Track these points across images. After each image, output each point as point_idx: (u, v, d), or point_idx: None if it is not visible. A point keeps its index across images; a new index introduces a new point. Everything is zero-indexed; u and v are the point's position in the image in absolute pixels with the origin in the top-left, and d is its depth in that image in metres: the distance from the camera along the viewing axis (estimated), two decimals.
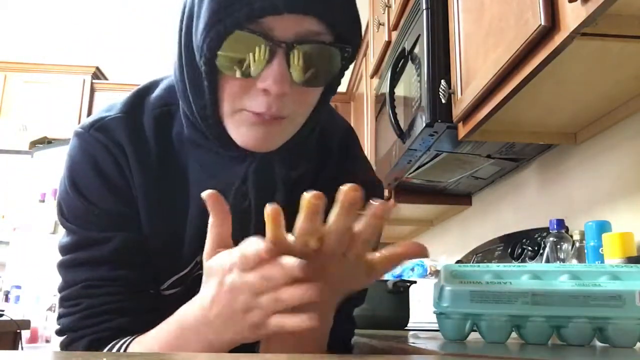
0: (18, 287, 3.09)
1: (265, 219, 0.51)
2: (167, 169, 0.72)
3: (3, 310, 2.39)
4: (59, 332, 0.71)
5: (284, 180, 0.73)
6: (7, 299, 3.09)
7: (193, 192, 0.71)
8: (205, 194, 0.56)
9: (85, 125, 0.72)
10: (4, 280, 3.18)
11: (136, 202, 0.71)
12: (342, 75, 0.68)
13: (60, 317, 0.71)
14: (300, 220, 0.51)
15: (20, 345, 2.36)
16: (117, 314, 0.68)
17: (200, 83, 0.64)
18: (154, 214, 0.71)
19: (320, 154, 0.79)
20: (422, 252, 0.55)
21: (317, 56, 0.62)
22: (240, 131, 0.65)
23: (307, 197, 0.51)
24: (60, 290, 0.71)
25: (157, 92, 0.75)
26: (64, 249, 0.71)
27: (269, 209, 0.51)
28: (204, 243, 0.59)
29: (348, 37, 0.64)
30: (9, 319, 2.27)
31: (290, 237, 0.53)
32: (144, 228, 0.71)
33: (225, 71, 0.61)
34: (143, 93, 0.76)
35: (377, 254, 0.56)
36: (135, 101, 0.74)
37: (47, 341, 2.92)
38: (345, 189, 0.51)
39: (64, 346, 0.70)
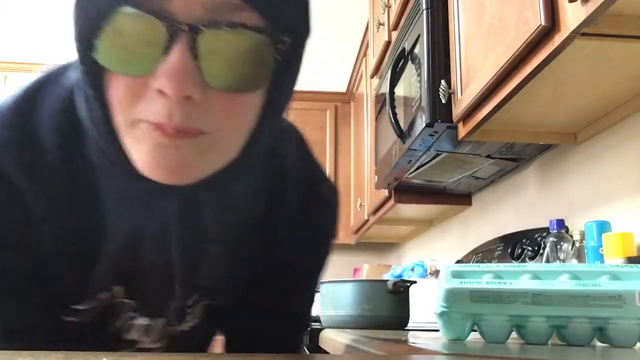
0: None
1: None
2: (76, 191, 0.54)
3: None
4: None
5: (217, 227, 0.58)
6: None
7: (109, 225, 0.55)
8: None
9: None
10: None
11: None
12: (288, 76, 0.49)
13: None
14: None
15: None
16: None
17: (83, 83, 0.47)
18: (61, 233, 0.55)
19: (271, 184, 0.62)
20: None
21: (238, 46, 0.44)
22: (140, 151, 0.46)
23: None
24: None
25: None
26: None
27: None
28: (116, 273, 0.53)
29: (285, 22, 0.46)
30: None
31: None
32: (50, 245, 0.55)
33: (109, 67, 0.44)
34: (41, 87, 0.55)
35: None
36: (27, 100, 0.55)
37: None
38: None
39: None
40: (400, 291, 1.39)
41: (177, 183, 0.47)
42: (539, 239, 1.49)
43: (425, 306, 1.57)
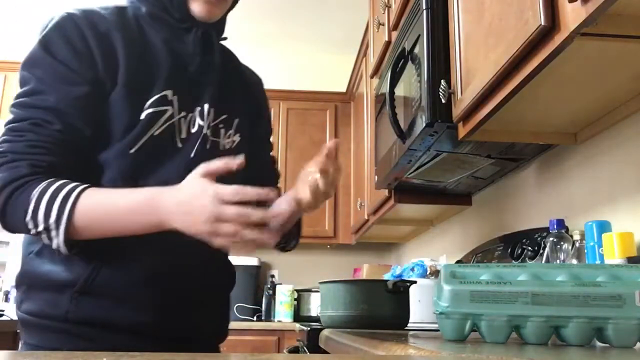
0: None
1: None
2: (142, 43, 0.94)
3: (3, 310, 2.39)
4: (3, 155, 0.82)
5: (217, 45, 1.02)
6: (7, 299, 3.08)
7: (159, 54, 0.94)
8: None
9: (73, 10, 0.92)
10: (4, 280, 3.18)
11: (98, 66, 0.87)
12: None
13: (3, 142, 0.83)
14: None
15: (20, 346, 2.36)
16: (51, 152, 0.83)
17: None
18: (131, 71, 0.90)
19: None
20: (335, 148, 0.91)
21: None
22: (197, 4, 0.95)
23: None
24: (8, 123, 0.84)
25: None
26: (21, 95, 0.86)
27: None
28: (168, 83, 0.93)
29: None
30: (9, 319, 2.27)
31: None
32: (121, 78, 0.89)
33: None
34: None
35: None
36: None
37: None
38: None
39: (5, 164, 0.81)
40: (400, 291, 1.39)
41: (211, 21, 0.98)
42: (539, 239, 1.49)
43: (425, 306, 1.57)
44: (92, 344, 0.85)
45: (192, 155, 0.94)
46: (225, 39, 1.07)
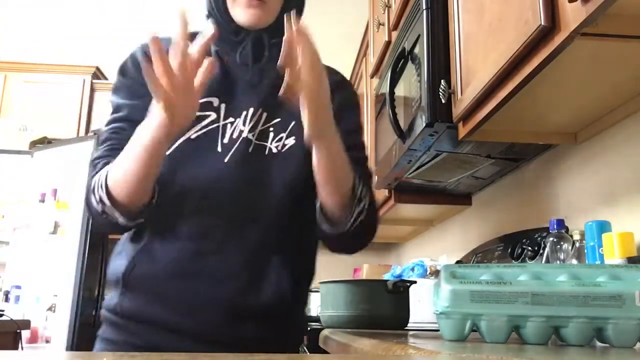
0: (18, 287, 3.09)
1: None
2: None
3: (3, 310, 2.39)
4: (93, 164, 0.98)
5: (273, 48, 0.99)
6: (7, 299, 3.08)
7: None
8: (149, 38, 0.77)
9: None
10: (4, 280, 3.18)
11: None
12: None
13: (97, 156, 0.98)
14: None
15: (20, 345, 2.36)
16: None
17: None
18: None
19: None
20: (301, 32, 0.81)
21: None
22: (238, 11, 0.97)
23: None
24: (100, 142, 1.01)
25: None
26: (110, 113, 1.01)
27: None
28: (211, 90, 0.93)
29: None
30: (9, 319, 2.27)
31: None
32: None
33: None
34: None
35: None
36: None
37: (47, 341, 2.92)
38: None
39: (94, 167, 0.96)
40: (400, 291, 1.39)
41: (257, 27, 0.98)
42: (539, 239, 1.49)
43: (425, 306, 1.57)
44: (135, 338, 0.93)
45: (225, 160, 0.96)
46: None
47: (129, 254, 0.95)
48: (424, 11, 1.48)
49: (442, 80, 1.39)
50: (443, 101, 1.38)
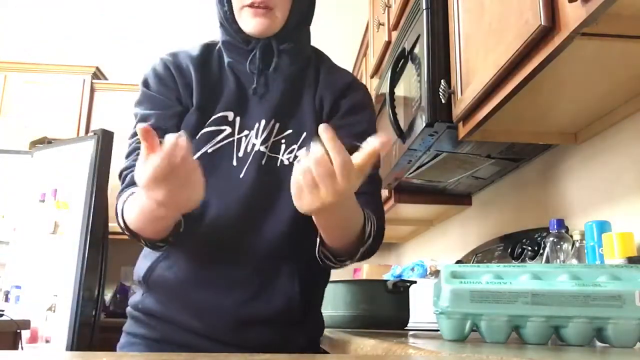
0: (18, 287, 3.09)
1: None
2: (217, 71, 1.05)
3: (3, 310, 2.39)
4: (121, 176, 1.00)
5: (283, 57, 1.02)
6: (7, 299, 3.08)
7: (227, 79, 1.04)
8: (139, 130, 0.71)
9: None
10: (4, 280, 3.17)
11: (180, 93, 1.02)
12: None
13: (124, 167, 1.01)
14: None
15: (20, 345, 2.36)
16: None
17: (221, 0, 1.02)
18: (201, 96, 1.02)
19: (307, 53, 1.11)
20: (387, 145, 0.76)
21: None
22: (245, 21, 0.98)
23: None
24: (127, 153, 1.03)
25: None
26: (135, 123, 1.01)
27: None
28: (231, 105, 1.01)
29: None
30: (9, 319, 2.27)
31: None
32: (195, 103, 1.02)
33: None
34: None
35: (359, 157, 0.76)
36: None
37: (47, 341, 2.92)
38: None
39: (124, 179, 0.99)
40: (400, 291, 1.39)
41: (264, 35, 1.00)
42: (539, 239, 1.49)
43: (425, 306, 1.56)
44: (155, 332, 1.00)
45: (241, 175, 0.98)
46: (292, 45, 1.03)
47: (151, 259, 1.01)
48: (424, 11, 1.48)
49: (442, 80, 1.39)
50: (443, 101, 1.38)
